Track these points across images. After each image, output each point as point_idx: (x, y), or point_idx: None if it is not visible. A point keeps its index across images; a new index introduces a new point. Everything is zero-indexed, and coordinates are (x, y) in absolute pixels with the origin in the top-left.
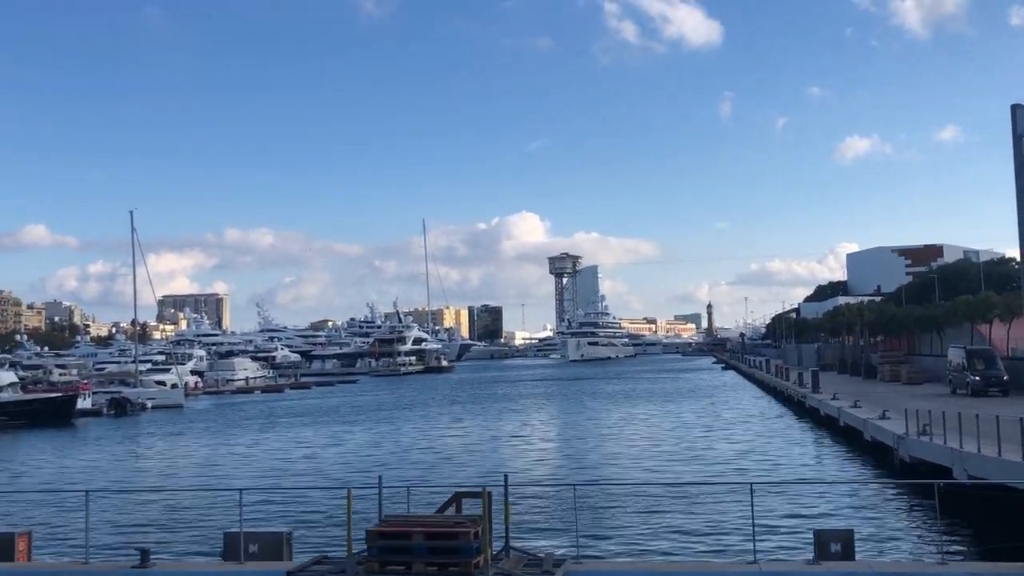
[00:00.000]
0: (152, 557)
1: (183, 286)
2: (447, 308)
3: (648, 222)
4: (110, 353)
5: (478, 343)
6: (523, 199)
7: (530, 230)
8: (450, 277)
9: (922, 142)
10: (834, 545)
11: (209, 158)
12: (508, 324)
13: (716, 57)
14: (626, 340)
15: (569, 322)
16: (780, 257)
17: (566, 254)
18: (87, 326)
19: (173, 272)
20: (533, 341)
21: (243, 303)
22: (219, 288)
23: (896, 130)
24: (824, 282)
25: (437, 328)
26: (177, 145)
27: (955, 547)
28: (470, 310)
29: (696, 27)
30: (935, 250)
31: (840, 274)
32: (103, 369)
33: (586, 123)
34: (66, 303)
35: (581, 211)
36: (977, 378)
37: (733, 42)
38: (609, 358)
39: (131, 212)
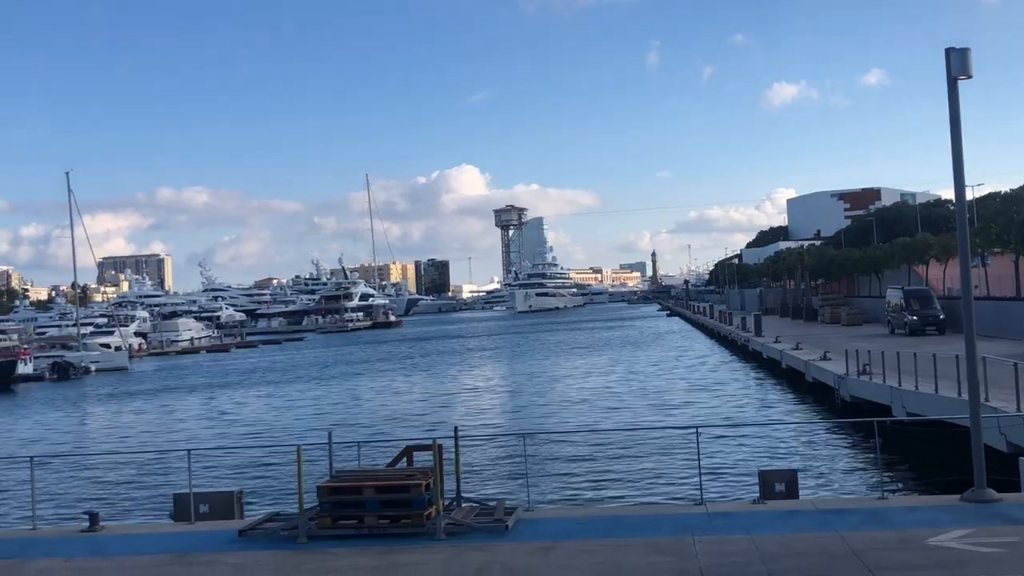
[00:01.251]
0: (101, 520)
1: (120, 247)
2: (394, 263)
3: (586, 172)
4: (50, 317)
5: (426, 297)
6: (462, 152)
7: (470, 183)
8: (391, 232)
9: (848, 86)
10: (778, 485)
11: (138, 117)
12: (455, 277)
13: (641, 5)
14: (574, 290)
15: (516, 274)
16: (719, 204)
17: (512, 206)
18: (26, 290)
19: (108, 233)
20: (481, 294)
21: (182, 263)
22: (157, 248)
23: (822, 75)
24: (764, 228)
25: (384, 283)
26: (104, 103)
27: (895, 482)
28: (417, 264)
29: None
30: (873, 193)
31: (779, 220)
32: (44, 333)
33: (521, 73)
34: (3, 267)
35: (520, 163)
36: (914, 318)
37: None
38: (558, 308)
39: (67, 173)
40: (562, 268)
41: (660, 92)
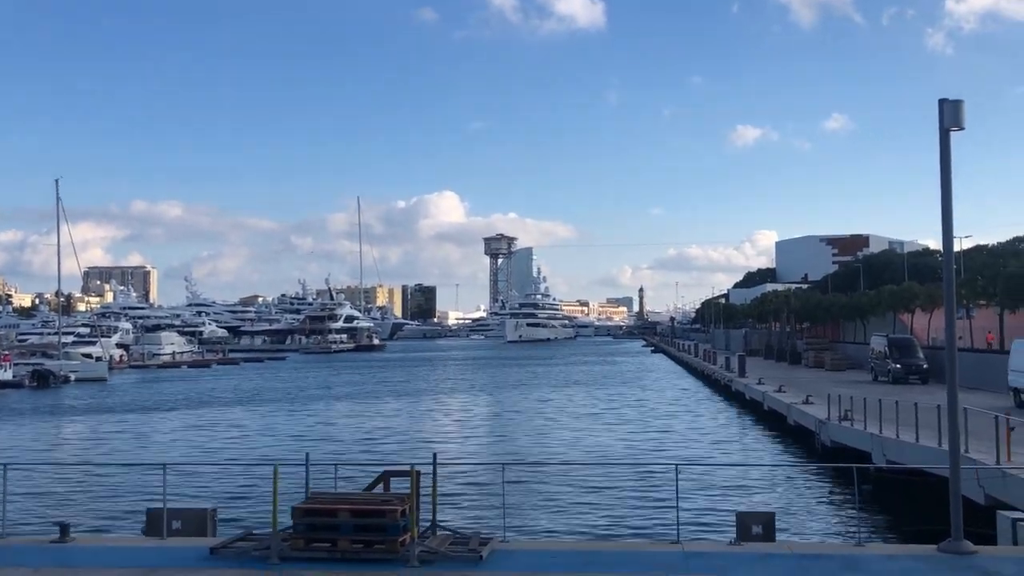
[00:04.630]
0: (72, 531)
1: (98, 257)
2: (380, 286)
3: (563, 204)
4: (33, 324)
5: (411, 322)
6: (442, 178)
7: (449, 209)
8: (369, 255)
9: (811, 131)
10: (755, 527)
11: (111, 130)
12: (441, 304)
13: (597, 37)
14: (565, 322)
15: (503, 303)
16: (697, 243)
17: (501, 235)
18: (9, 296)
19: (87, 242)
20: (467, 321)
21: (160, 276)
22: (135, 260)
23: (784, 119)
24: (743, 268)
25: (370, 306)
26: (78, 111)
27: (872, 529)
28: (403, 289)
29: (582, 7)
30: (861, 240)
31: (758, 261)
32: (25, 340)
33: (505, 102)
34: None
35: (499, 192)
36: (898, 366)
37: (616, 26)
38: (548, 340)
39: (56, 181)
40: (554, 300)
41: (627, 129)
